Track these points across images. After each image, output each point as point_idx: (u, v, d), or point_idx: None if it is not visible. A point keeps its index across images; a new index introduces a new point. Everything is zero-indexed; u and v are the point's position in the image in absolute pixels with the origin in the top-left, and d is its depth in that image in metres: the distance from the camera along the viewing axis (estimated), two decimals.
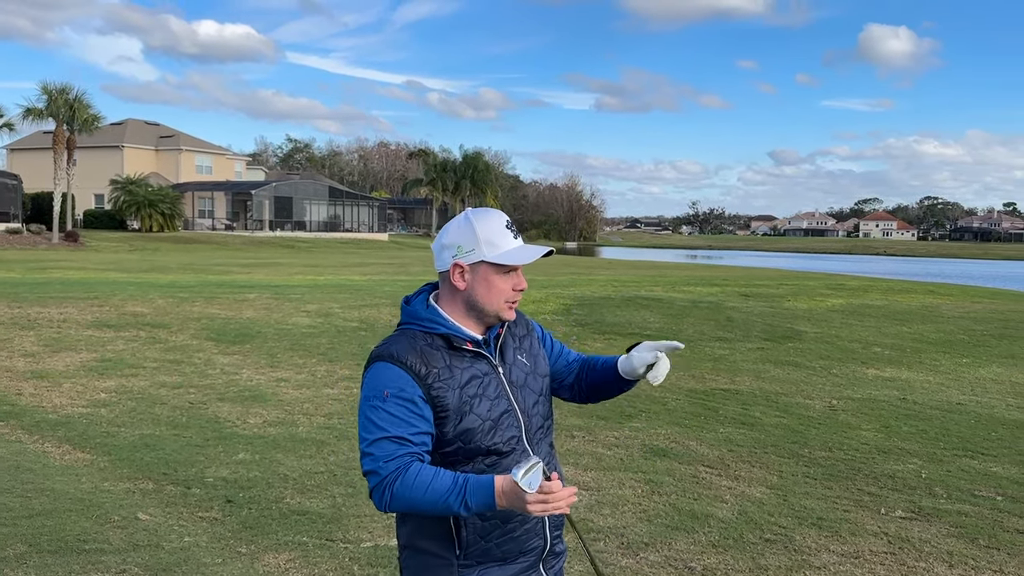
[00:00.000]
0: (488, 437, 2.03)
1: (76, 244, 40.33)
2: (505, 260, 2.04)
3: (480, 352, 2.09)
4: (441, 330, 2.06)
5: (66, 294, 14.53)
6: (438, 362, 2.01)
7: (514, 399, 2.10)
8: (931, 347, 12.12)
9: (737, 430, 7.13)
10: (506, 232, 2.07)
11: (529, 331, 2.26)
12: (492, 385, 2.07)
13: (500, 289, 2.07)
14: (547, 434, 2.20)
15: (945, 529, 4.80)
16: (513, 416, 2.08)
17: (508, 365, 2.13)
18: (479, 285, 2.06)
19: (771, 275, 28.31)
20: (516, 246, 2.07)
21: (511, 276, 2.08)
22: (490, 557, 2.03)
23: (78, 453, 6.06)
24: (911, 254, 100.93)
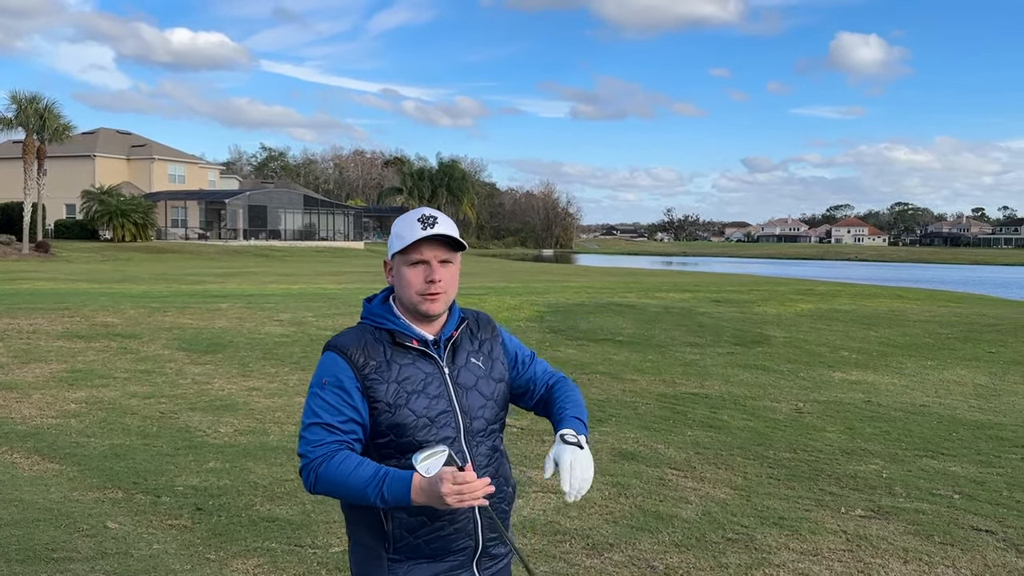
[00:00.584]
0: (421, 433, 2.05)
1: (47, 255, 39.87)
2: (398, 246, 2.07)
3: (426, 351, 2.12)
4: (388, 325, 2.11)
5: (36, 305, 14.40)
6: (379, 356, 2.07)
7: (456, 400, 2.12)
8: (897, 350, 12.34)
9: (704, 433, 7.25)
10: (415, 224, 2.07)
11: (493, 336, 2.27)
12: (434, 384, 2.10)
13: (409, 281, 2.08)
14: (490, 437, 2.18)
15: (902, 527, 4.94)
16: (452, 416, 2.10)
17: (457, 367, 2.15)
18: (396, 279, 2.12)
19: (742, 281, 28.63)
20: (421, 234, 2.06)
21: (421, 268, 2.07)
22: (419, 553, 2.07)
23: (47, 464, 6.05)
24: (882, 259, 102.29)
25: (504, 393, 2.24)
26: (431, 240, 2.07)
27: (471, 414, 2.12)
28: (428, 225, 2.07)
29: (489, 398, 2.18)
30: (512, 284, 23.50)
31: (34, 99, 41.24)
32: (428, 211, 2.12)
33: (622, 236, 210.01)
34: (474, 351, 2.20)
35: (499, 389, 2.22)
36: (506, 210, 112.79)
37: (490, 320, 2.32)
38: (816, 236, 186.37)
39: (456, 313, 2.21)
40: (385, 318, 2.13)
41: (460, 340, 2.19)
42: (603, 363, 10.75)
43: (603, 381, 9.63)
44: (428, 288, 2.07)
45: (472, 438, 2.13)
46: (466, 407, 2.13)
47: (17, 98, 41.04)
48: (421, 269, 2.08)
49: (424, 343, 2.12)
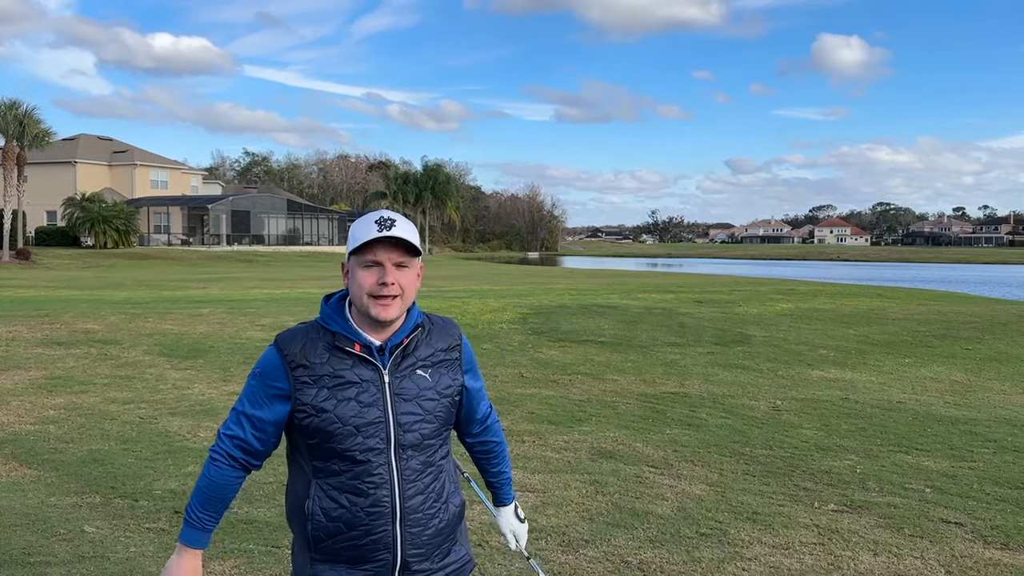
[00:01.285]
0: (345, 441, 2.02)
1: (27, 262, 39.58)
2: (352, 246, 2.04)
3: (367, 357, 2.05)
4: (333, 327, 2.07)
5: (15, 312, 14.32)
6: (315, 356, 2.03)
7: (391, 411, 2.05)
8: (875, 348, 12.48)
9: (683, 431, 7.32)
10: (371, 225, 2.03)
11: (451, 347, 2.18)
12: (368, 392, 2.04)
13: (361, 282, 2.02)
14: (423, 451, 2.11)
15: (874, 520, 5.02)
16: (382, 428, 2.04)
17: (400, 376, 2.07)
18: (350, 281, 2.07)
19: (725, 282, 28.80)
20: (376, 235, 2.01)
21: (375, 270, 2.02)
22: (338, 558, 2.07)
23: (25, 469, 6.03)
24: (864, 259, 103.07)
25: (448, 409, 2.15)
26: (386, 242, 2.02)
27: (405, 427, 2.06)
28: (384, 227, 2.02)
29: (429, 411, 2.11)
30: (496, 287, 23.56)
31: (13, 105, 41.02)
32: (387, 213, 2.06)
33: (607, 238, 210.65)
34: (423, 362, 2.12)
35: (443, 405, 2.14)
36: (491, 213, 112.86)
37: (456, 332, 2.22)
38: (799, 237, 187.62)
39: (412, 320, 2.13)
40: (333, 319, 2.08)
41: (411, 348, 2.11)
42: (585, 364, 10.82)
43: (584, 381, 9.69)
44: (380, 290, 2.01)
45: (403, 451, 2.07)
46: (402, 420, 2.06)
47: None
48: (374, 271, 2.03)
49: (367, 348, 2.06)
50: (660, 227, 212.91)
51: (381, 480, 2.05)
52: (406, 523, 2.07)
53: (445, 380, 2.13)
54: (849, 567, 4.31)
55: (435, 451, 2.13)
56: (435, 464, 2.14)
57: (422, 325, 2.14)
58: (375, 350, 2.06)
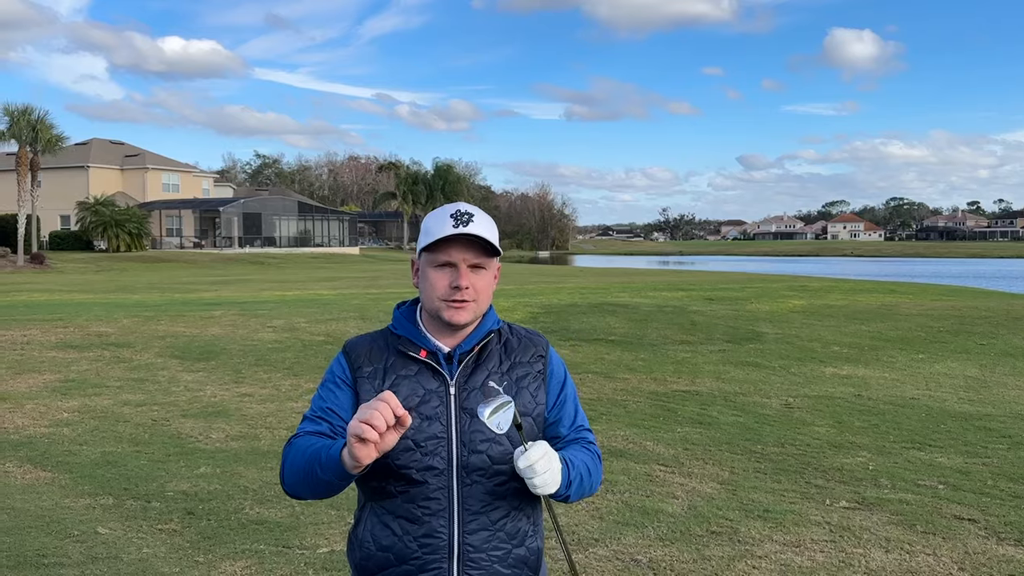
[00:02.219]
0: (402, 456, 1.78)
1: (42, 266, 39.86)
2: (424, 242, 1.84)
3: (433, 365, 1.85)
4: (399, 331, 1.90)
5: (30, 316, 14.43)
6: (379, 361, 1.87)
7: (455, 426, 1.81)
8: (888, 344, 12.41)
9: (694, 429, 7.30)
10: (446, 220, 1.82)
11: (534, 360, 1.91)
12: (432, 403, 1.82)
13: (433, 284, 1.83)
14: (493, 479, 1.82)
15: (886, 517, 4.99)
16: (443, 445, 1.80)
17: (470, 388, 1.84)
18: (421, 281, 1.88)
19: (737, 279, 28.70)
20: (451, 232, 1.80)
21: (447, 271, 1.82)
22: None
23: (39, 472, 6.08)
24: (878, 255, 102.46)
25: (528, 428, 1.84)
26: (462, 240, 1.81)
27: (470, 446, 1.80)
28: (461, 222, 1.80)
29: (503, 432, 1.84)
30: (507, 286, 23.56)
31: (26, 111, 41.32)
32: (464, 206, 1.84)
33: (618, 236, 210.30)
34: (499, 373, 1.87)
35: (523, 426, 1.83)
36: (502, 213, 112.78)
37: (542, 343, 1.95)
38: (812, 233, 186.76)
39: (486, 325, 1.90)
40: (401, 324, 1.92)
41: (485, 357, 1.88)
42: (595, 363, 10.81)
43: (595, 380, 9.68)
44: (453, 294, 1.81)
45: (466, 475, 1.80)
46: (466, 436, 1.81)
47: (9, 110, 41.12)
48: (447, 272, 1.83)
49: (434, 355, 1.86)
50: (671, 225, 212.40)
51: (438, 506, 1.80)
52: (465, 562, 1.80)
53: (524, 397, 1.86)
54: (861, 564, 4.29)
55: (508, 480, 1.82)
56: (507, 497, 1.84)
57: (498, 331, 1.92)
58: (442, 357, 1.86)
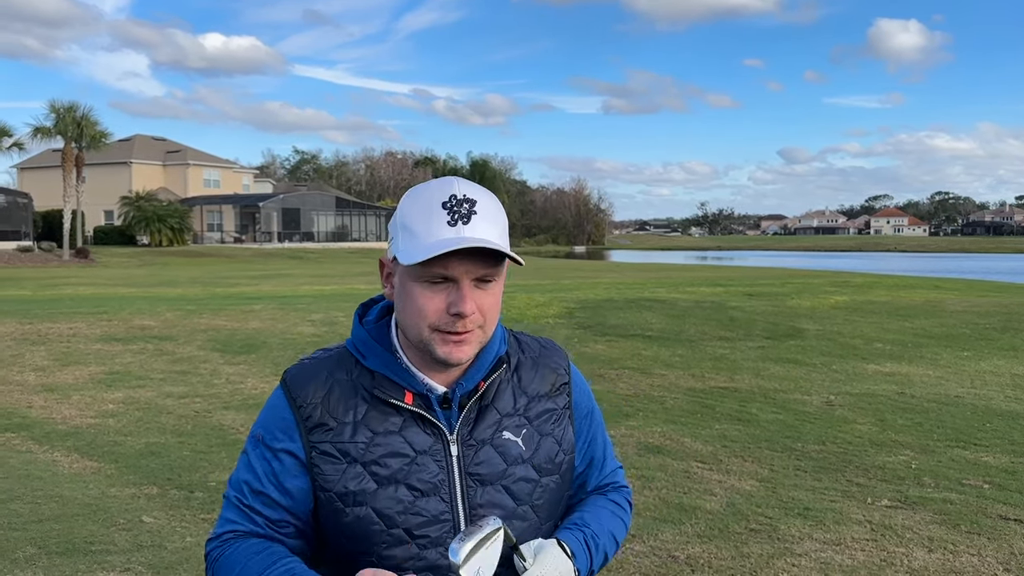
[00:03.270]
0: (392, 549, 1.28)
1: (87, 261, 40.74)
2: (405, 256, 1.24)
3: (424, 414, 1.31)
4: (369, 363, 1.32)
5: (76, 310, 14.76)
6: (345, 412, 1.30)
7: (462, 502, 1.30)
8: (932, 342, 12.18)
9: (733, 426, 7.24)
10: (438, 214, 1.23)
11: (556, 389, 1.40)
12: (429, 471, 1.29)
13: (420, 308, 1.25)
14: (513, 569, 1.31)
15: (929, 516, 4.90)
16: (449, 531, 1.29)
17: (475, 444, 1.32)
18: (400, 298, 1.30)
19: (777, 274, 28.36)
20: (448, 236, 1.22)
21: (444, 288, 1.25)
22: None
23: (86, 461, 6.23)
24: (922, 250, 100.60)
25: (555, 493, 1.38)
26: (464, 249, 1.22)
27: None
28: (460, 217, 1.23)
29: (522, 500, 1.33)
30: (542, 281, 23.55)
31: (71, 108, 42.19)
32: (462, 188, 1.26)
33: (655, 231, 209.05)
34: (514, 415, 1.35)
35: (545, 487, 1.36)
36: (537, 208, 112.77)
37: (562, 362, 1.43)
38: (855, 228, 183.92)
39: (492, 350, 1.35)
40: (371, 350, 1.33)
41: (494, 396, 1.35)
42: (632, 358, 10.76)
43: (631, 376, 9.64)
44: (452, 324, 1.25)
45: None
46: (478, 514, 1.30)
47: (55, 107, 42.02)
48: (443, 291, 1.25)
49: (424, 400, 1.31)
50: (710, 219, 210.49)
51: None
52: None
53: (548, 446, 1.36)
54: (903, 563, 4.23)
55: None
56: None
57: (508, 359, 1.38)
58: (436, 401, 1.31)
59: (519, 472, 1.32)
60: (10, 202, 46.89)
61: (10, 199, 47.25)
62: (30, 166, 62.69)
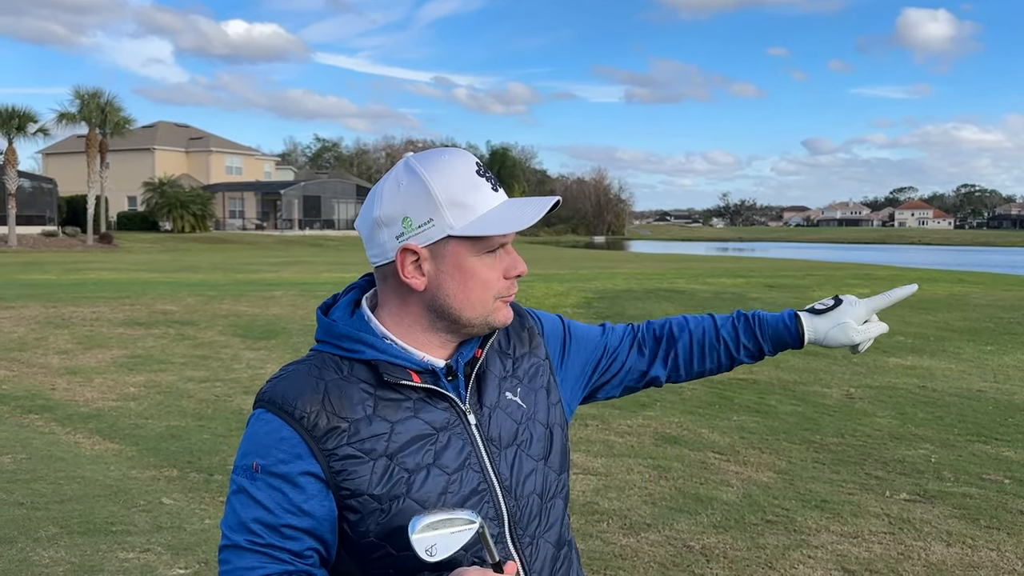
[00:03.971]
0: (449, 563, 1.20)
1: (110, 246, 41.15)
2: (489, 229, 1.23)
3: (435, 389, 1.27)
4: (367, 355, 1.25)
5: (99, 294, 14.93)
6: (354, 410, 1.22)
7: (492, 470, 1.28)
8: (955, 335, 12.05)
9: (751, 418, 7.21)
10: (480, 182, 1.25)
11: (531, 340, 1.42)
12: (454, 446, 1.25)
13: (485, 280, 1.26)
14: (552, 527, 1.33)
15: (948, 510, 4.86)
16: (489, 499, 1.26)
17: (487, 409, 1.31)
18: (449, 279, 1.25)
19: (799, 266, 28.16)
20: (499, 202, 1.26)
21: (499, 256, 1.28)
22: None
23: (108, 443, 6.31)
24: (947, 243, 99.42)
25: (561, 442, 1.37)
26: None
27: (518, 491, 1.29)
28: (495, 181, 1.29)
29: (542, 457, 1.34)
30: (561, 271, 23.53)
31: (96, 94, 42.53)
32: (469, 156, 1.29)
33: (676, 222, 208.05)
34: (508, 377, 1.36)
35: (555, 438, 1.37)
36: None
37: (523, 314, 1.45)
38: (879, 220, 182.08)
39: None
40: (360, 342, 1.26)
41: (488, 361, 1.35)
42: None
43: None
44: (511, 287, 1.30)
45: (524, 532, 1.29)
46: (510, 480, 1.29)
47: (80, 93, 42.38)
48: (500, 257, 1.28)
49: (431, 375, 1.27)
50: (731, 210, 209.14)
51: None
52: None
53: (541, 399, 1.38)
54: (920, 557, 4.20)
55: (561, 519, 1.37)
56: (567, 543, 1.38)
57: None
58: (442, 374, 1.28)
59: (528, 429, 1.33)
60: (35, 187, 47.43)
61: (35, 184, 47.80)
62: (55, 152, 63.35)
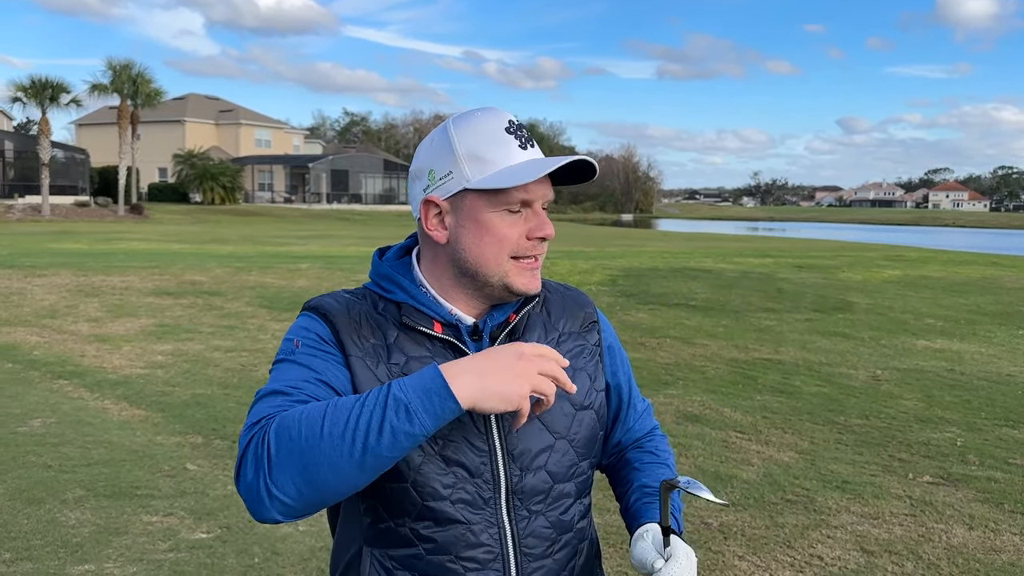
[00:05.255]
0: (427, 475, 1.21)
1: (141, 216, 41.61)
2: (501, 182, 1.22)
3: (455, 343, 1.27)
4: (394, 295, 1.29)
5: (129, 264, 15.13)
6: (374, 334, 1.26)
7: (499, 436, 1.25)
8: (987, 319, 11.86)
9: (774, 398, 7.16)
10: (506, 139, 1.24)
11: (586, 328, 1.39)
12: None
13: (501, 236, 1.25)
14: (555, 506, 1.30)
15: (971, 494, 4.80)
16: (487, 463, 1.24)
17: None
18: (465, 232, 1.26)
19: (829, 247, 27.84)
20: (525, 159, 1.24)
21: (524, 216, 1.26)
22: None
23: (135, 410, 6.42)
24: (982, 225, 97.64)
25: (591, 428, 1.34)
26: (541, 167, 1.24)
27: (522, 461, 1.26)
28: (527, 140, 1.26)
29: (559, 434, 1.30)
30: (587, 248, 23.44)
31: (127, 66, 42.77)
32: (506, 114, 1.27)
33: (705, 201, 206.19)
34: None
35: (584, 422, 1.33)
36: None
37: (589, 302, 1.44)
38: (912, 201, 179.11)
39: None
40: (392, 282, 1.31)
41: (524, 329, 1.33)
42: (674, 328, 10.67)
43: (673, 345, 9.57)
44: (534, 248, 1.27)
45: (521, 503, 1.26)
46: (515, 448, 1.26)
47: (112, 64, 42.64)
48: (520, 217, 1.26)
49: (453, 329, 1.28)
50: (762, 190, 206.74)
51: (487, 556, 1.24)
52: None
53: (581, 381, 1.34)
54: (941, 540, 4.15)
55: (571, 505, 1.33)
56: (573, 528, 1.33)
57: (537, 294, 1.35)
58: (466, 331, 1.29)
59: (555, 405, 1.26)
60: (68, 158, 48.01)
61: (68, 155, 48.37)
62: (87, 123, 64.00)
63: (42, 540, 3.95)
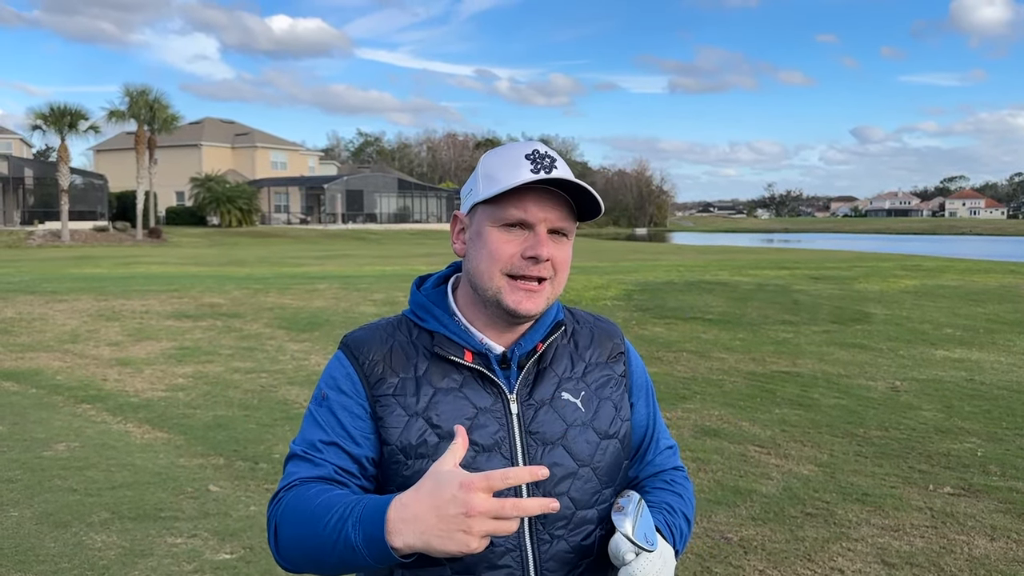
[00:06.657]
0: None
1: (159, 240, 42.02)
2: (491, 190, 1.29)
3: (484, 372, 1.32)
4: (428, 324, 1.37)
5: (148, 287, 15.29)
6: (406, 368, 1.32)
7: (523, 459, 1.30)
8: (1006, 327, 11.77)
9: (793, 411, 7.14)
10: (521, 163, 1.29)
11: (613, 363, 1.43)
12: (489, 428, 1.30)
13: (493, 250, 1.29)
14: (577, 532, 1.32)
15: (993, 505, 4.78)
16: (512, 489, 1.21)
17: (536, 403, 1.34)
18: (471, 245, 1.35)
19: (845, 257, 27.70)
20: (532, 179, 1.27)
21: (520, 235, 1.30)
22: None
23: (157, 432, 6.49)
24: (999, 233, 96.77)
25: (615, 457, 1.37)
26: (544, 191, 1.29)
27: (546, 487, 1.29)
28: (542, 167, 1.28)
29: (583, 461, 1.34)
30: (601, 263, 23.45)
31: (144, 91, 43.34)
32: (543, 147, 1.32)
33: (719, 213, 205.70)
34: (572, 379, 1.38)
35: (608, 451, 1.37)
36: (598, 189, 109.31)
37: (618, 334, 1.48)
38: (928, 210, 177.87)
39: (551, 316, 1.40)
40: (426, 311, 1.38)
41: (552, 358, 1.38)
42: (691, 341, 10.67)
43: (689, 359, 9.57)
44: (525, 268, 1.29)
45: (544, 527, 1.30)
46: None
47: (129, 91, 43.22)
48: (518, 236, 1.30)
49: (483, 358, 1.34)
50: (777, 201, 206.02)
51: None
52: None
53: (606, 410, 1.38)
54: (963, 551, 4.14)
55: (593, 531, 1.34)
56: (595, 554, 1.34)
57: (564, 323, 1.42)
58: (495, 360, 1.34)
59: (579, 433, 1.34)
60: (87, 183, 48.63)
61: (87, 180, 49.00)
62: (105, 148, 64.79)
63: (69, 563, 4.01)
